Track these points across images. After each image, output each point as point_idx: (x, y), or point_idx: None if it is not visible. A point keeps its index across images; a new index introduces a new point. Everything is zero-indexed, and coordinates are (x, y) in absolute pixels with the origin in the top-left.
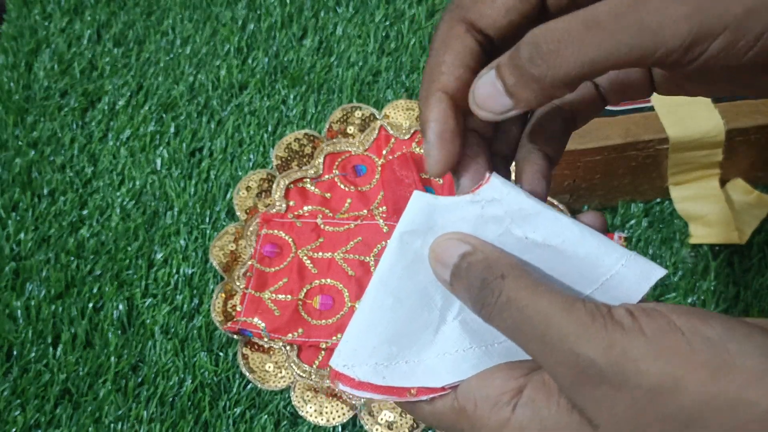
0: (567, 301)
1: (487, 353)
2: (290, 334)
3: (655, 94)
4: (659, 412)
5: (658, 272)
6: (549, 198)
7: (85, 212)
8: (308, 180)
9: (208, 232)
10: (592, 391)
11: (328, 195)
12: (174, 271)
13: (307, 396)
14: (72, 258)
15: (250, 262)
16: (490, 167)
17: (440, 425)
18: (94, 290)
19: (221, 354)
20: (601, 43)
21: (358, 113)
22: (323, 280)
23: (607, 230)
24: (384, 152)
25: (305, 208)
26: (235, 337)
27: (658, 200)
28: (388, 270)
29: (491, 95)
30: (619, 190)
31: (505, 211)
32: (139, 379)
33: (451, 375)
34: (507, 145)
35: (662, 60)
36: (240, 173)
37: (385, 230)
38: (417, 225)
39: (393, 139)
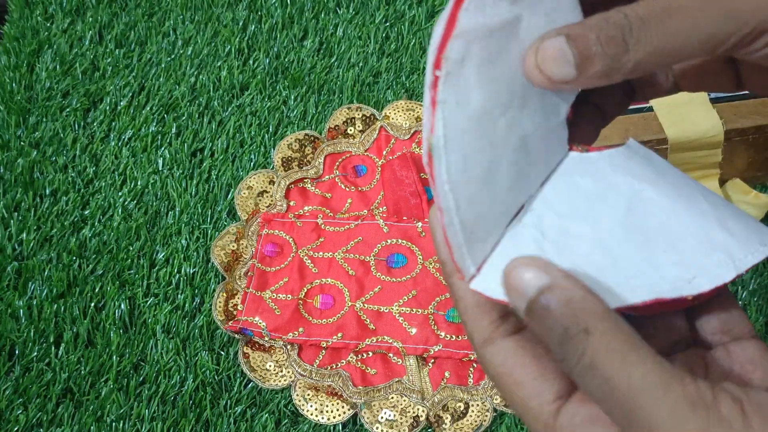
0: (664, 377)
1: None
2: (291, 333)
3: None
4: None
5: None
6: None
7: (87, 212)
8: (309, 180)
9: (209, 231)
10: None
11: (328, 195)
12: (175, 270)
13: (308, 395)
14: (74, 258)
15: (251, 262)
16: None
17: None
18: (96, 290)
19: (222, 353)
20: (680, 31)
21: (358, 114)
22: (324, 280)
23: None
24: (384, 152)
25: (306, 208)
26: (236, 336)
27: None
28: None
29: (557, 61)
30: None
31: None
32: (141, 378)
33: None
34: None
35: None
36: (241, 173)
37: (385, 230)
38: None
39: (393, 140)
